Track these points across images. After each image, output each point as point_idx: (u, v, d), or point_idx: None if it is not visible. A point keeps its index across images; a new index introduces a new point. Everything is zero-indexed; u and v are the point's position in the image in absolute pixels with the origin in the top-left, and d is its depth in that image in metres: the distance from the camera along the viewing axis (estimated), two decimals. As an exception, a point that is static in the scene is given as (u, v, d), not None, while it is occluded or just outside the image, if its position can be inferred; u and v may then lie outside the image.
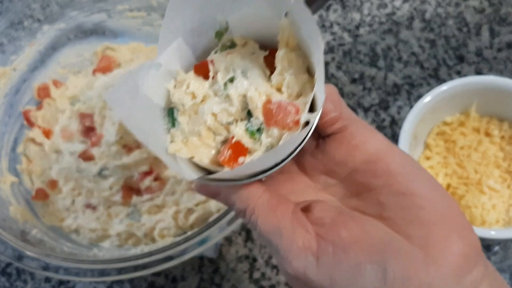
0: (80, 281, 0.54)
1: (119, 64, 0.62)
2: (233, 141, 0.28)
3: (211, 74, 0.30)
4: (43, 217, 0.56)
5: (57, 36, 0.62)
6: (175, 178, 0.55)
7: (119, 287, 0.56)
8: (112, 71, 0.61)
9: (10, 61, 0.59)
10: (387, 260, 0.26)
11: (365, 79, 0.64)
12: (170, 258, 0.45)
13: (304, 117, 0.27)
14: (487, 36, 0.65)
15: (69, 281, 0.56)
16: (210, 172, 0.29)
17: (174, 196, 0.55)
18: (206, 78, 0.30)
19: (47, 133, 0.59)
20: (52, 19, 0.61)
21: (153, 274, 0.54)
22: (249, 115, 0.29)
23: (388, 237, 0.28)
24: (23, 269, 0.57)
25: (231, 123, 0.29)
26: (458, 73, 0.63)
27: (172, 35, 0.30)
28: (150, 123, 0.29)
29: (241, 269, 0.55)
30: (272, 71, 0.29)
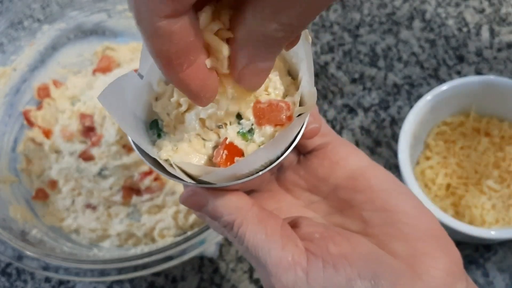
0: (80, 281, 0.54)
1: (119, 64, 0.62)
2: (227, 142, 0.28)
3: None
4: (43, 217, 0.56)
5: (57, 36, 0.62)
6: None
7: (119, 287, 0.56)
8: (112, 71, 0.61)
9: (10, 61, 0.59)
10: (377, 276, 0.27)
11: (365, 79, 0.64)
12: (170, 258, 0.45)
13: (297, 110, 0.27)
14: (487, 36, 0.65)
15: (69, 281, 0.56)
16: (199, 182, 0.28)
17: (174, 196, 0.55)
18: None
19: (47, 133, 0.59)
20: (52, 19, 0.61)
21: (153, 274, 0.54)
22: (238, 117, 0.28)
23: (375, 253, 0.28)
24: (23, 269, 0.57)
25: (220, 126, 0.29)
26: (458, 73, 0.63)
27: None
28: (138, 134, 0.29)
29: (241, 269, 0.55)
30: None
